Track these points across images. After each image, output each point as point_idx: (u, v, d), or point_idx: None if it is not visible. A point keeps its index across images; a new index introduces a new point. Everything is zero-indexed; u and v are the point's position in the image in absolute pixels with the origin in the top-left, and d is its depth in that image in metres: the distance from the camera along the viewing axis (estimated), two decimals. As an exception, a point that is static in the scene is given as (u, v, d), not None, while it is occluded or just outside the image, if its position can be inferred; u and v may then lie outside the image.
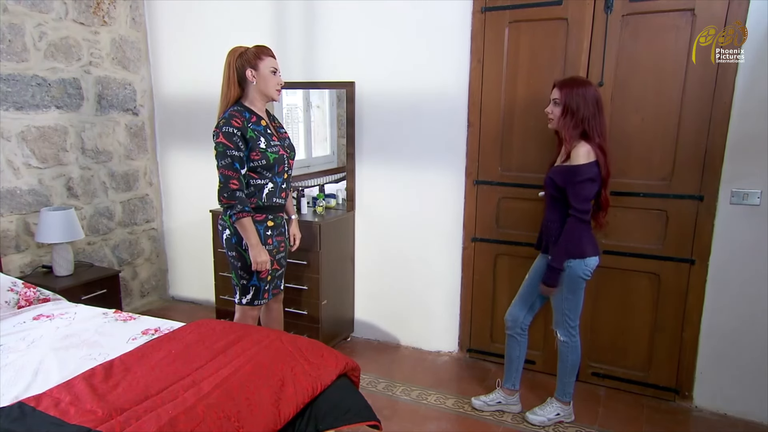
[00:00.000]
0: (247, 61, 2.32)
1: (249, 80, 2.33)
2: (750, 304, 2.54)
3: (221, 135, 2.26)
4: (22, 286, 2.64)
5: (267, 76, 2.33)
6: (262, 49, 2.35)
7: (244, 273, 2.42)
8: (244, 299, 2.47)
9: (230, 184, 2.25)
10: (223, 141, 2.25)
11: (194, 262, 4.01)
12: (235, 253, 2.40)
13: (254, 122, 2.34)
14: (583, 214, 2.25)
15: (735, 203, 2.50)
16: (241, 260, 2.40)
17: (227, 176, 2.25)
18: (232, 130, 2.26)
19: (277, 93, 2.39)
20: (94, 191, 3.58)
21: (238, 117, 2.29)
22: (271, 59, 2.36)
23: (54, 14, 3.20)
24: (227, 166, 2.25)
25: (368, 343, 3.46)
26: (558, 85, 2.30)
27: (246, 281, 2.44)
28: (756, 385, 2.57)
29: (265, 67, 2.33)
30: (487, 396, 2.69)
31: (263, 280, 2.44)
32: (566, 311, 2.41)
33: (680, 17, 2.47)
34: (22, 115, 3.09)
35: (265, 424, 1.63)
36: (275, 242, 2.44)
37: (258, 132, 2.33)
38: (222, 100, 2.38)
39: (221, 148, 2.25)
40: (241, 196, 2.26)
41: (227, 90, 2.35)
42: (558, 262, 2.31)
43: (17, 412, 1.60)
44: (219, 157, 2.27)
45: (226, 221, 2.39)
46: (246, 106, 2.36)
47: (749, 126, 2.43)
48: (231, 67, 2.34)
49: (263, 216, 2.39)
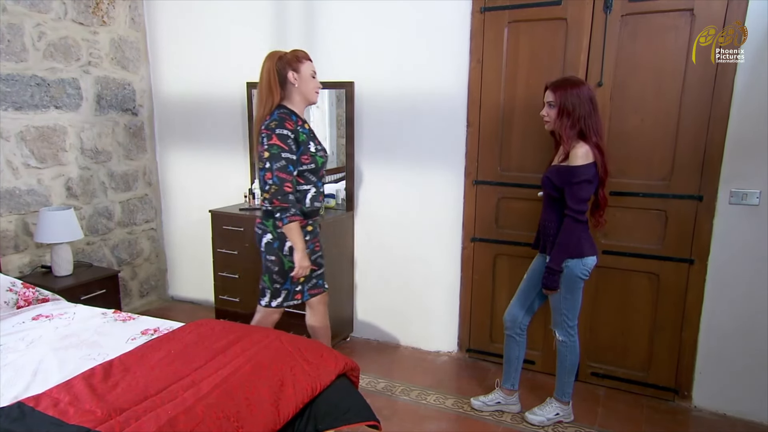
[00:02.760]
0: (288, 64, 2.32)
1: (291, 82, 2.33)
2: (749, 303, 2.54)
3: (275, 137, 2.23)
4: (21, 286, 2.63)
5: (308, 79, 2.34)
6: (300, 52, 2.36)
7: (279, 277, 2.42)
8: (274, 302, 2.46)
9: (285, 187, 2.23)
10: (277, 143, 2.23)
11: (194, 262, 4.01)
12: (275, 257, 2.38)
13: (301, 125, 2.34)
14: (579, 214, 2.25)
15: (734, 203, 2.50)
16: (279, 265, 2.39)
17: (282, 179, 2.23)
18: (286, 132, 2.25)
19: (316, 96, 2.40)
20: (94, 191, 3.58)
21: (289, 119, 2.28)
22: (310, 63, 2.37)
23: (53, 14, 3.20)
24: (282, 169, 2.23)
25: (368, 343, 3.46)
26: (551, 87, 2.29)
27: (279, 285, 2.43)
28: (755, 385, 2.57)
29: (306, 70, 2.34)
30: (486, 396, 2.69)
31: (295, 283, 2.45)
32: (564, 311, 2.41)
33: (679, 17, 2.47)
34: (21, 115, 3.09)
35: (265, 424, 1.63)
36: (311, 245, 2.45)
37: (306, 135, 2.34)
38: (261, 105, 2.34)
39: (275, 150, 2.23)
40: (293, 199, 2.26)
41: (268, 94, 2.32)
42: (556, 264, 2.31)
43: (16, 412, 1.60)
44: (272, 160, 2.23)
45: (268, 225, 2.38)
46: (291, 109, 2.34)
47: (748, 126, 2.43)
48: (271, 71, 2.32)
49: (304, 222, 2.40)
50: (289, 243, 2.35)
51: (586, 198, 2.27)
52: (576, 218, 2.26)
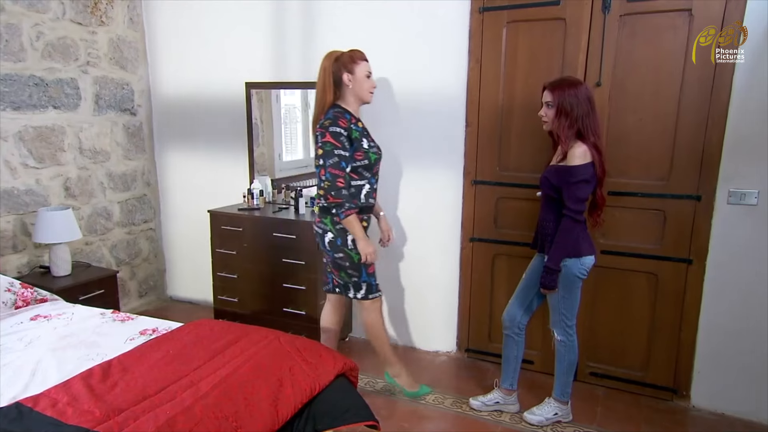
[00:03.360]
0: (344, 65, 2.38)
1: (345, 84, 2.40)
2: (747, 303, 2.54)
3: (328, 134, 2.31)
4: (20, 286, 2.63)
5: (362, 80, 2.39)
6: (357, 53, 2.41)
7: (353, 271, 2.50)
8: (359, 293, 2.55)
9: (338, 183, 2.30)
10: (330, 140, 2.30)
11: (192, 262, 4.00)
12: (342, 254, 2.46)
13: (354, 123, 2.40)
14: (577, 214, 2.26)
15: (732, 203, 2.50)
16: (348, 259, 2.47)
17: (335, 175, 2.30)
18: (339, 129, 2.31)
19: (371, 96, 2.45)
20: (92, 191, 3.57)
21: (342, 117, 2.35)
22: (366, 63, 2.42)
23: (51, 14, 3.20)
24: (334, 165, 2.30)
25: (366, 343, 3.45)
26: (549, 88, 2.30)
27: (357, 278, 2.52)
28: (753, 385, 2.58)
29: (361, 71, 2.39)
30: (485, 396, 2.69)
31: (371, 275, 2.52)
32: (563, 311, 2.41)
33: (678, 17, 2.47)
34: (19, 115, 3.08)
35: (264, 424, 1.63)
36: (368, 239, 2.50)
37: (359, 132, 2.39)
38: (317, 105, 2.44)
39: (329, 147, 2.30)
40: (347, 194, 2.32)
41: (323, 93, 2.41)
42: (554, 263, 2.31)
43: (15, 413, 1.60)
44: (326, 157, 2.31)
45: (327, 224, 2.44)
46: (344, 108, 2.41)
47: (747, 126, 2.44)
48: (327, 71, 2.40)
49: (361, 216, 2.45)
50: (350, 237, 2.43)
51: (584, 198, 2.27)
52: (574, 218, 2.26)
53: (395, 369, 2.74)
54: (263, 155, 3.67)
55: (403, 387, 2.74)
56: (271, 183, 3.66)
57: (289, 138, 3.71)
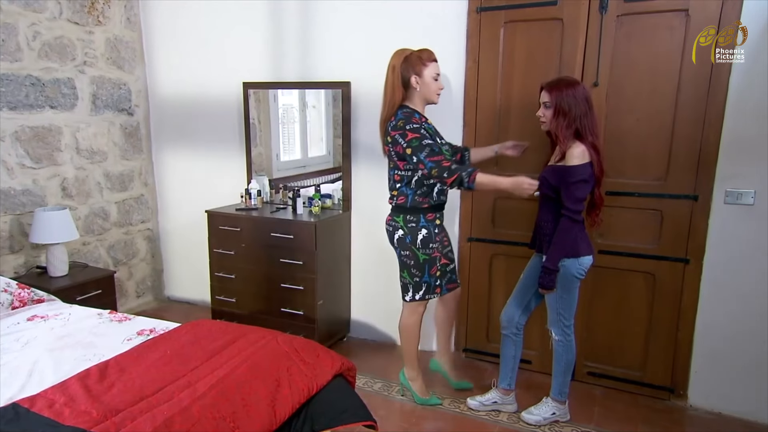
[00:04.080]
0: (412, 67, 2.38)
1: (413, 86, 2.41)
2: (744, 302, 2.55)
3: (409, 133, 2.33)
4: (17, 286, 2.63)
5: (430, 83, 2.39)
6: (425, 53, 2.39)
7: (417, 270, 2.51)
8: (417, 295, 2.55)
9: (443, 164, 2.28)
10: (413, 136, 2.32)
11: (190, 262, 4.00)
12: (409, 252, 2.49)
13: (425, 121, 2.41)
14: (575, 214, 2.26)
15: (729, 203, 2.51)
16: (414, 258, 2.49)
17: (435, 161, 2.29)
18: (416, 125, 2.34)
19: (438, 97, 2.45)
20: (89, 191, 3.56)
21: (413, 116, 2.38)
22: (434, 64, 2.40)
23: (48, 14, 3.19)
24: (430, 153, 2.30)
25: (364, 343, 3.46)
26: (546, 88, 2.30)
27: (419, 278, 2.52)
28: (750, 384, 2.58)
29: (429, 73, 2.38)
30: (482, 396, 2.69)
31: (433, 275, 2.52)
32: (560, 310, 2.42)
33: (674, 17, 2.48)
34: (16, 114, 3.07)
35: (261, 424, 1.63)
36: (440, 239, 2.51)
37: (430, 131, 2.40)
38: (385, 105, 2.46)
39: (415, 142, 2.32)
40: (456, 166, 2.29)
41: (392, 93, 2.42)
42: (552, 263, 2.31)
43: (11, 414, 1.59)
44: (417, 152, 2.31)
45: (399, 221, 2.48)
46: (413, 108, 2.42)
47: (743, 126, 2.44)
48: (396, 70, 2.40)
49: (433, 215, 2.47)
50: (420, 235, 2.46)
51: (583, 197, 2.28)
52: (572, 218, 2.26)
53: (413, 373, 2.74)
54: (261, 155, 3.67)
55: (415, 392, 2.73)
56: (269, 183, 3.66)
57: (287, 138, 3.71)
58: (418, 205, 2.45)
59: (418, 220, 2.46)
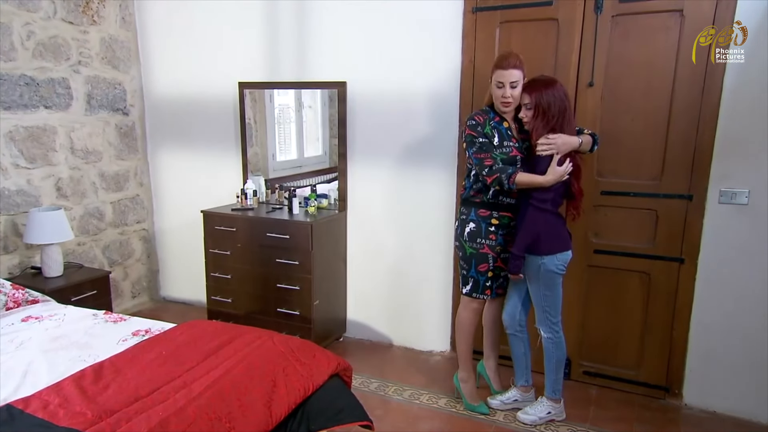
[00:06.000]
0: (491, 70, 2.39)
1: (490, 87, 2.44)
2: (739, 302, 2.56)
3: (468, 128, 2.42)
4: (11, 287, 2.61)
5: (493, 89, 2.40)
6: (499, 58, 2.37)
7: (464, 263, 2.54)
8: (465, 289, 2.57)
9: (485, 163, 2.35)
10: (469, 132, 2.41)
11: (185, 262, 3.98)
12: (458, 243, 2.55)
13: (497, 121, 2.43)
14: (541, 203, 2.31)
15: (723, 202, 2.52)
16: (462, 249, 2.53)
17: (480, 158, 2.37)
18: (474, 122, 2.42)
19: (502, 106, 2.39)
20: (84, 192, 3.55)
21: (481, 114, 2.44)
22: (500, 72, 2.34)
23: (42, 13, 3.18)
24: (477, 150, 2.38)
25: (360, 343, 3.46)
26: (525, 90, 2.33)
27: (465, 272, 2.55)
28: (745, 383, 2.60)
29: (495, 78, 2.38)
30: (503, 395, 2.69)
31: (482, 273, 2.51)
32: (546, 308, 2.44)
33: (669, 18, 2.49)
34: (9, 114, 3.06)
35: (257, 424, 1.63)
36: (499, 239, 2.48)
37: (495, 130, 2.41)
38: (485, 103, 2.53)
39: (469, 138, 2.41)
40: (498, 167, 2.34)
41: (487, 93, 2.47)
42: (518, 249, 2.35)
43: (5, 415, 1.59)
44: (469, 147, 2.41)
45: (464, 212, 2.52)
46: (488, 109, 2.47)
47: (737, 126, 2.45)
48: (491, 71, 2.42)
49: (488, 212, 2.47)
50: (467, 228, 2.48)
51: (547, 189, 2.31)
52: (538, 207, 2.31)
53: (465, 375, 2.72)
54: (257, 155, 3.66)
55: (464, 395, 2.70)
56: (265, 183, 3.65)
57: (283, 138, 3.71)
58: (471, 199, 2.50)
59: (469, 212, 2.50)
